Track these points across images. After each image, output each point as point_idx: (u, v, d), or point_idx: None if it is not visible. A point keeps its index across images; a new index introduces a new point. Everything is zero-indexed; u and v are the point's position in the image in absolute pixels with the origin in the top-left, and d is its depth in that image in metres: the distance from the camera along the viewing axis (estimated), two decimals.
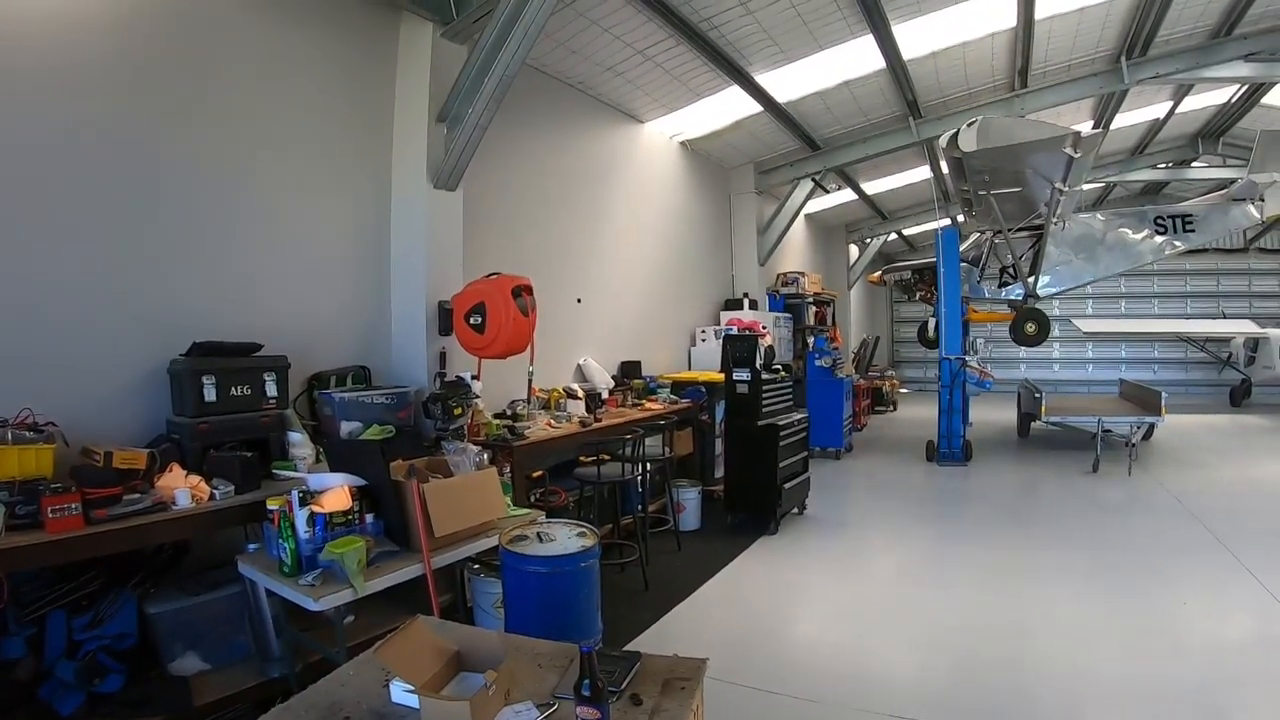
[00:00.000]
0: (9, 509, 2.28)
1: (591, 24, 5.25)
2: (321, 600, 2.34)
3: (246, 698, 2.75)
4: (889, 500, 6.93)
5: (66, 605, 2.59)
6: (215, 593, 2.88)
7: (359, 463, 2.83)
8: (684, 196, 8.25)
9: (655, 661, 1.59)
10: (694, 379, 6.93)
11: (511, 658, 1.60)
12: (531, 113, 5.55)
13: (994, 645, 3.56)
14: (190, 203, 3.30)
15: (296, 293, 3.80)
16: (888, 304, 18.92)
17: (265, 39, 3.63)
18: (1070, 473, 7.75)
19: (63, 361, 2.82)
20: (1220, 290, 15.42)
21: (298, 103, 3.80)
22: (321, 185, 3.94)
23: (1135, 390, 9.23)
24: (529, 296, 3.99)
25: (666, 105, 6.99)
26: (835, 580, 4.73)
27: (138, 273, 3.10)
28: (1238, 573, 4.47)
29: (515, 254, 5.17)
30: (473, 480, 2.99)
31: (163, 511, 2.56)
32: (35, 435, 2.48)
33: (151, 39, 3.13)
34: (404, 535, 2.74)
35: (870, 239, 15.13)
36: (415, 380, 4.15)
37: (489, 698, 1.38)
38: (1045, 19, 6.39)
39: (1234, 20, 6.75)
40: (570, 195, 6.16)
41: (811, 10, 5.64)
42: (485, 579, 3.05)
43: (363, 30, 4.11)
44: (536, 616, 2.51)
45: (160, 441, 2.98)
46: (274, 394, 3.26)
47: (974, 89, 7.93)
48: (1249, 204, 8.46)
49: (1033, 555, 5.01)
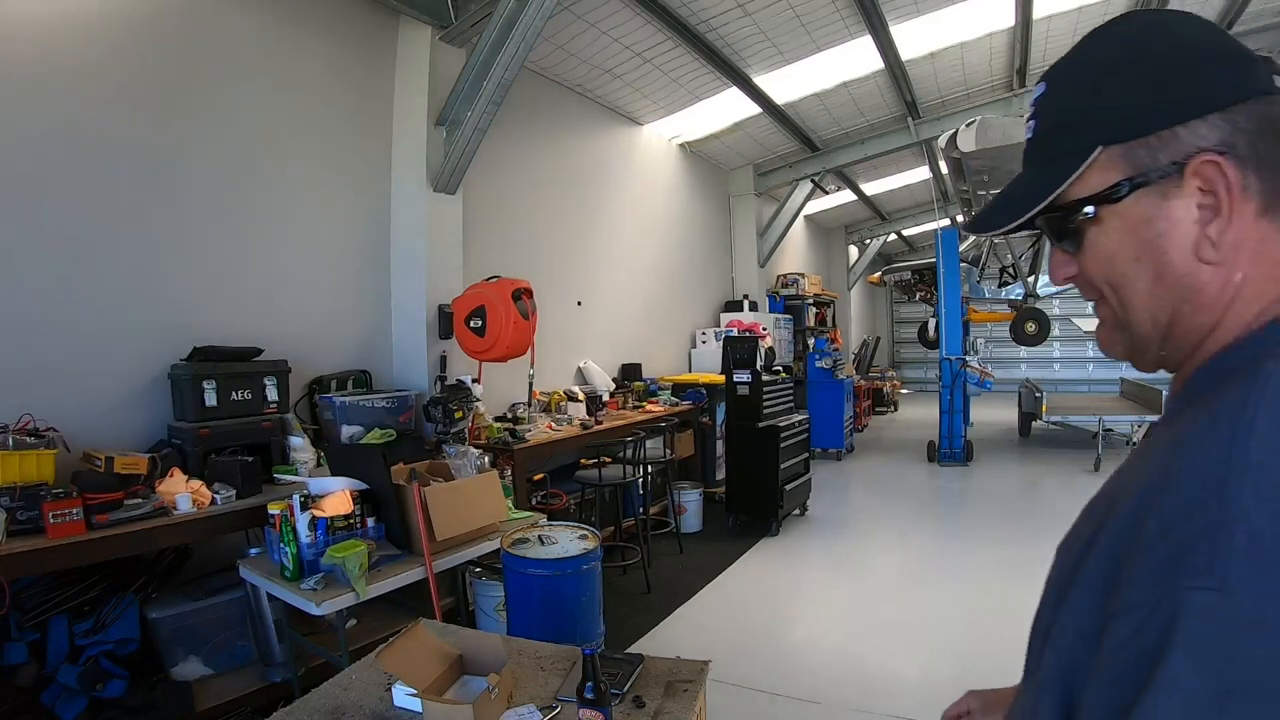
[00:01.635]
0: (10, 515, 2.28)
1: (590, 26, 5.26)
2: (323, 605, 2.33)
3: (249, 702, 2.75)
4: (890, 501, 6.92)
5: (68, 611, 2.58)
6: (217, 598, 2.88)
7: (360, 467, 2.83)
8: (683, 198, 8.26)
9: (658, 664, 1.59)
10: (695, 381, 6.93)
11: (514, 661, 1.60)
12: (530, 116, 5.56)
13: (996, 644, 3.55)
14: (190, 207, 3.31)
15: (297, 297, 3.80)
16: (888, 305, 18.93)
17: (264, 43, 3.64)
18: (1072, 472, 7.75)
19: (64, 367, 2.83)
20: None
21: (297, 107, 3.81)
22: (321, 189, 3.95)
23: (1136, 389, 9.23)
24: (529, 299, 3.99)
25: (665, 107, 7.00)
26: (837, 581, 4.72)
27: (137, 278, 3.10)
28: None
29: (515, 257, 5.18)
30: (474, 484, 2.99)
31: (164, 516, 2.56)
32: (36, 441, 2.48)
33: (149, 43, 3.14)
34: (405, 539, 2.74)
35: (870, 240, 15.15)
36: (416, 384, 4.16)
37: (491, 701, 1.38)
38: (1043, 18, 6.40)
39: (1232, 19, 6.76)
40: (570, 198, 6.17)
41: (809, 11, 5.65)
42: (487, 582, 3.05)
43: (361, 34, 4.12)
44: (538, 619, 2.51)
45: (161, 446, 2.98)
46: (275, 398, 3.26)
47: (972, 89, 7.94)
48: None
49: (1035, 555, 4.97)
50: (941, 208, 12.21)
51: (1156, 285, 0.59)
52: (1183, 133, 0.56)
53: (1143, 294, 0.60)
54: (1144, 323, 0.61)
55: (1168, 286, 0.59)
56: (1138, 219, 0.59)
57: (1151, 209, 0.58)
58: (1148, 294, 0.60)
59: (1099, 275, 0.63)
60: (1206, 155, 0.55)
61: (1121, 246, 0.60)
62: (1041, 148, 0.65)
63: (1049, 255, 0.69)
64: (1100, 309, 0.66)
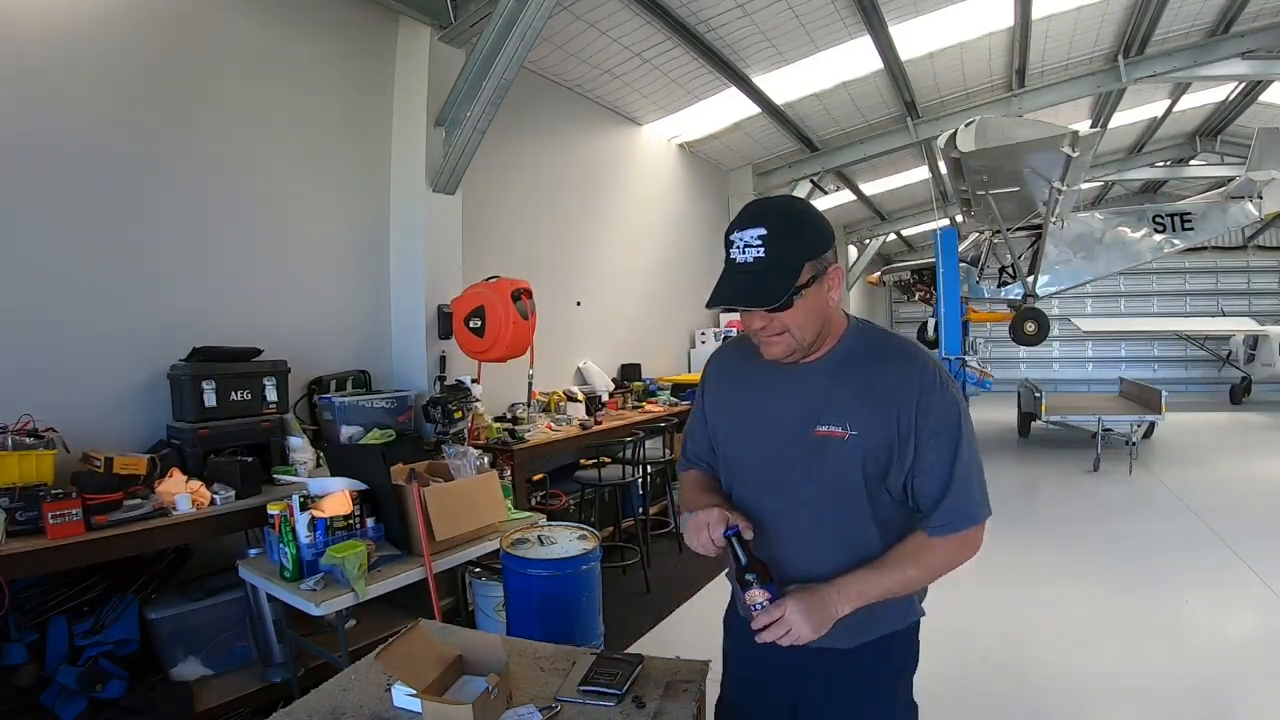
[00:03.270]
0: (10, 515, 2.28)
1: (589, 27, 5.26)
2: (323, 605, 2.33)
3: (248, 703, 2.74)
4: None
5: (68, 611, 2.58)
6: (216, 598, 2.88)
7: (360, 467, 2.83)
8: (683, 198, 8.25)
9: (657, 664, 1.58)
10: (694, 381, 6.91)
11: (513, 661, 1.59)
12: (530, 116, 5.55)
13: (996, 644, 3.56)
14: (189, 207, 3.31)
15: (296, 297, 3.80)
16: (887, 305, 18.93)
17: (263, 43, 3.63)
18: (1071, 472, 7.75)
19: (63, 367, 2.82)
20: (1219, 288, 15.43)
21: (295, 106, 3.80)
22: (320, 189, 3.94)
23: (1135, 389, 9.23)
24: (528, 300, 3.99)
25: (664, 108, 7.00)
26: None
27: (137, 278, 3.10)
28: (1239, 570, 4.47)
29: (514, 257, 5.18)
30: (473, 484, 2.98)
31: (163, 517, 2.56)
32: (36, 441, 2.48)
33: (148, 44, 3.13)
34: (405, 539, 2.74)
35: (869, 240, 15.14)
36: (415, 384, 4.15)
37: (491, 701, 1.38)
38: (1042, 19, 6.40)
39: (1231, 18, 6.76)
40: (569, 198, 6.17)
41: (809, 12, 5.64)
42: (486, 582, 3.04)
43: (360, 34, 4.12)
44: (538, 619, 2.50)
45: (160, 447, 2.98)
46: (274, 399, 3.26)
47: (972, 89, 7.94)
48: (1247, 201, 8.47)
49: (1034, 554, 5.00)
50: (940, 208, 12.21)
51: (817, 323, 1.28)
52: (826, 255, 1.25)
53: (812, 328, 1.28)
54: (808, 340, 1.29)
55: (822, 323, 1.29)
56: (815, 297, 1.25)
57: (817, 292, 1.25)
58: (813, 328, 1.28)
59: (793, 323, 1.25)
60: (834, 265, 1.27)
61: (806, 310, 1.25)
62: (775, 263, 1.20)
63: (747, 315, 1.30)
64: (777, 339, 1.27)
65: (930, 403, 1.25)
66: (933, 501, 1.28)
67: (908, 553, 1.29)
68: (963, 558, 1.31)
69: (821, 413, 1.29)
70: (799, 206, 1.26)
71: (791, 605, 1.23)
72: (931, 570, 1.30)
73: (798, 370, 1.33)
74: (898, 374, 1.27)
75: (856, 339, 1.34)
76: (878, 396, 1.27)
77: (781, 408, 1.34)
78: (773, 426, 1.34)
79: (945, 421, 1.26)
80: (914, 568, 1.29)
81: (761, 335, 1.28)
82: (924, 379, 1.26)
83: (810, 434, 1.29)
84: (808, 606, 1.23)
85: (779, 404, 1.34)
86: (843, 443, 1.27)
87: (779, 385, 1.35)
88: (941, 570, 1.31)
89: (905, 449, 1.26)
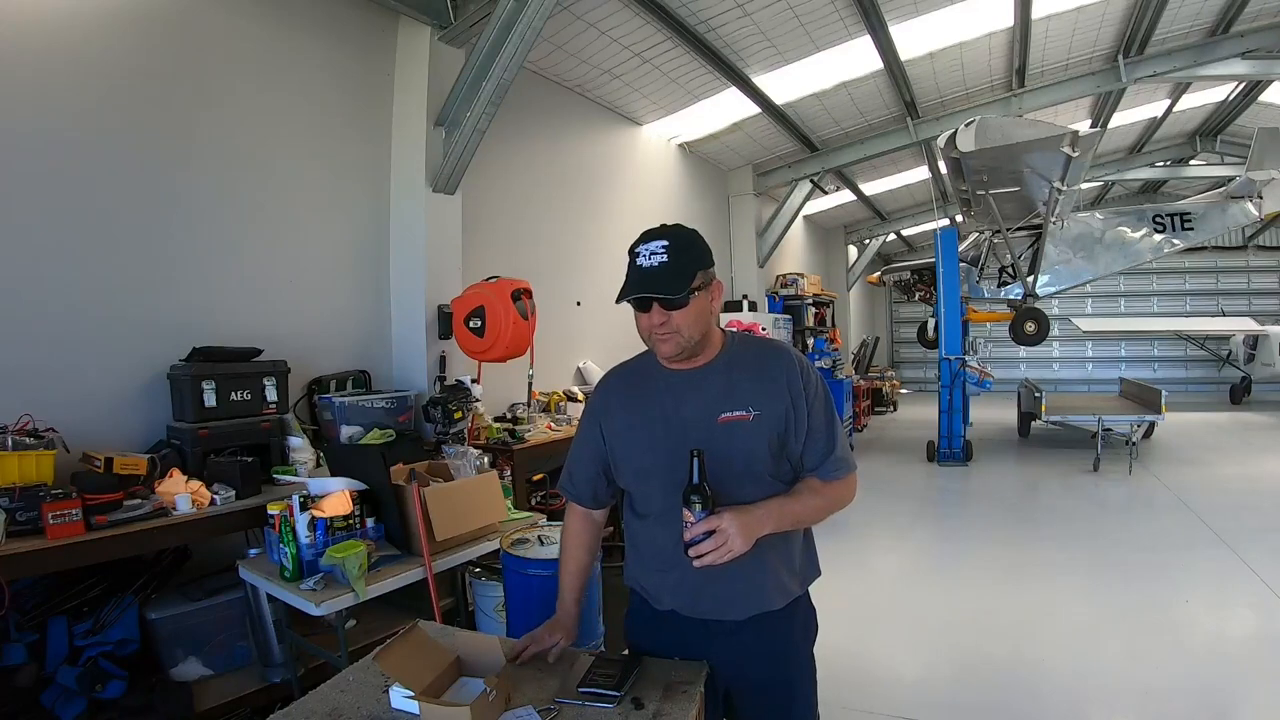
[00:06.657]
0: (9, 515, 2.28)
1: (589, 27, 5.26)
2: (323, 605, 2.33)
3: (248, 703, 2.74)
4: (890, 501, 6.92)
5: (68, 611, 2.58)
6: (216, 598, 2.87)
7: (359, 467, 2.83)
8: (682, 198, 8.25)
9: (656, 665, 1.58)
10: None
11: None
12: (530, 116, 5.55)
13: (997, 644, 3.56)
14: (189, 208, 3.30)
15: (296, 297, 3.79)
16: (887, 304, 18.93)
17: (263, 44, 3.63)
18: (1071, 471, 7.76)
19: (63, 367, 2.82)
20: (1219, 288, 15.43)
21: (296, 107, 3.80)
22: (320, 189, 3.94)
23: (1135, 388, 9.24)
24: (528, 300, 3.99)
25: (664, 108, 7.00)
26: (836, 581, 4.67)
27: (137, 278, 3.10)
28: (1239, 570, 4.47)
29: (514, 257, 5.17)
30: (473, 484, 2.98)
31: (163, 517, 2.56)
32: (35, 441, 2.48)
33: (147, 44, 3.13)
34: (405, 539, 2.74)
35: (869, 240, 15.15)
36: (415, 384, 4.15)
37: (489, 703, 1.38)
38: (1042, 18, 6.40)
39: (1231, 18, 6.76)
40: (569, 198, 6.17)
41: (809, 12, 5.64)
42: (486, 583, 3.04)
43: (360, 35, 4.11)
44: (538, 620, 2.46)
45: (160, 447, 2.98)
46: (274, 399, 3.25)
47: (972, 89, 7.94)
48: (1247, 201, 8.46)
49: (1034, 554, 5.01)
50: (940, 208, 12.21)
51: (703, 325, 1.51)
52: (711, 270, 1.51)
53: (699, 329, 1.49)
54: (694, 339, 1.50)
55: (706, 327, 1.52)
56: (702, 301, 1.49)
57: (704, 298, 1.50)
58: (700, 329, 1.50)
59: (684, 323, 1.47)
60: (717, 280, 1.55)
61: (695, 312, 1.47)
62: (674, 268, 1.43)
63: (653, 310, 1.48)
64: (669, 336, 1.47)
65: (809, 376, 1.58)
66: (822, 455, 1.56)
67: (812, 488, 1.56)
68: (849, 496, 1.62)
69: (723, 404, 1.52)
70: (690, 230, 1.54)
71: (728, 516, 1.38)
72: (831, 502, 1.58)
73: (695, 375, 1.56)
74: (780, 360, 1.59)
75: (737, 344, 1.62)
76: (770, 375, 1.55)
77: (685, 410, 1.54)
78: (678, 427, 1.53)
79: (821, 390, 1.59)
80: (819, 499, 1.56)
81: (656, 332, 1.48)
82: (800, 362, 1.60)
83: (715, 423, 1.51)
84: (742, 520, 1.39)
85: (683, 408, 1.54)
86: (748, 424, 1.51)
87: (680, 391, 1.56)
88: (838, 504, 1.60)
89: (799, 413, 1.54)
